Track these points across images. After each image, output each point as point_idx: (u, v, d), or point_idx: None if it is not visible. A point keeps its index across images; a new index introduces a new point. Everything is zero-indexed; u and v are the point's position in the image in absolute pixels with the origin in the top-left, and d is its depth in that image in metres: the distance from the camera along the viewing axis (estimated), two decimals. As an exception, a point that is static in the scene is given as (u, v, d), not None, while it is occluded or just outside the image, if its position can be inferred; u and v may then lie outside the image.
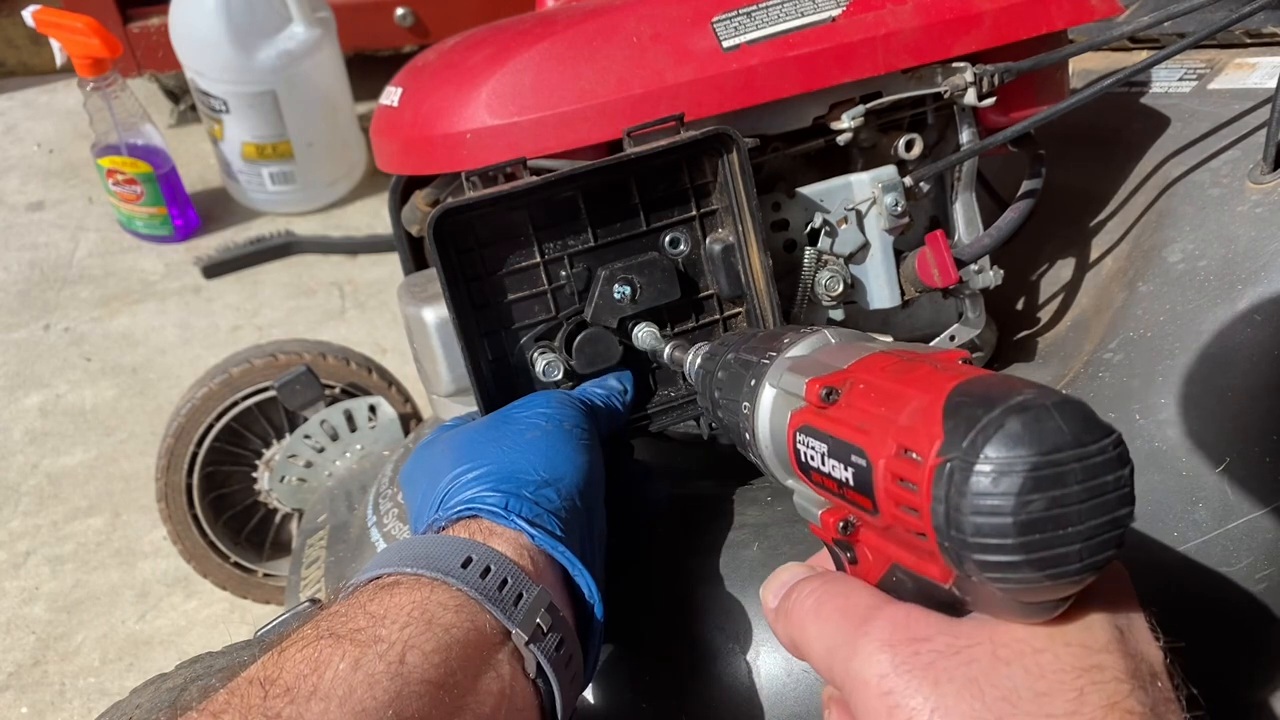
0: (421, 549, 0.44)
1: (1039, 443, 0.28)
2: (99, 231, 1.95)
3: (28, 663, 1.20)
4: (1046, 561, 0.28)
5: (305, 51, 1.81)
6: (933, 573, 0.33)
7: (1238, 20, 0.63)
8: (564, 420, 0.53)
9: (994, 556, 0.28)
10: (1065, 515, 0.28)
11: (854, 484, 0.34)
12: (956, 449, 0.29)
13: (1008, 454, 0.28)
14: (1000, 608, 0.32)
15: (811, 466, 0.38)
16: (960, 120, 0.67)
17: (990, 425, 0.28)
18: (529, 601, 0.42)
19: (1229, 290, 0.56)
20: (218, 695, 0.36)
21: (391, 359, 1.52)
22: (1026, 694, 0.30)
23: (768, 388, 0.43)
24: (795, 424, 0.39)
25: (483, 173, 0.56)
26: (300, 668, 0.37)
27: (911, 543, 0.32)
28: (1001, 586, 0.29)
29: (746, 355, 0.46)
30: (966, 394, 0.30)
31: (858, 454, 0.33)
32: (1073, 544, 0.28)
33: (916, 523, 0.31)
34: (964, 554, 0.29)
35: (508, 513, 0.46)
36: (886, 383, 0.34)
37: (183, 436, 1.07)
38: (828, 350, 0.42)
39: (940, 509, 0.29)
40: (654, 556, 0.59)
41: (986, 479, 0.28)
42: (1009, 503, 0.28)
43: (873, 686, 0.32)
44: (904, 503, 0.31)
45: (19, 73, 2.47)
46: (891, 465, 0.32)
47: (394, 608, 0.40)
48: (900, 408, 0.32)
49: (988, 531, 0.28)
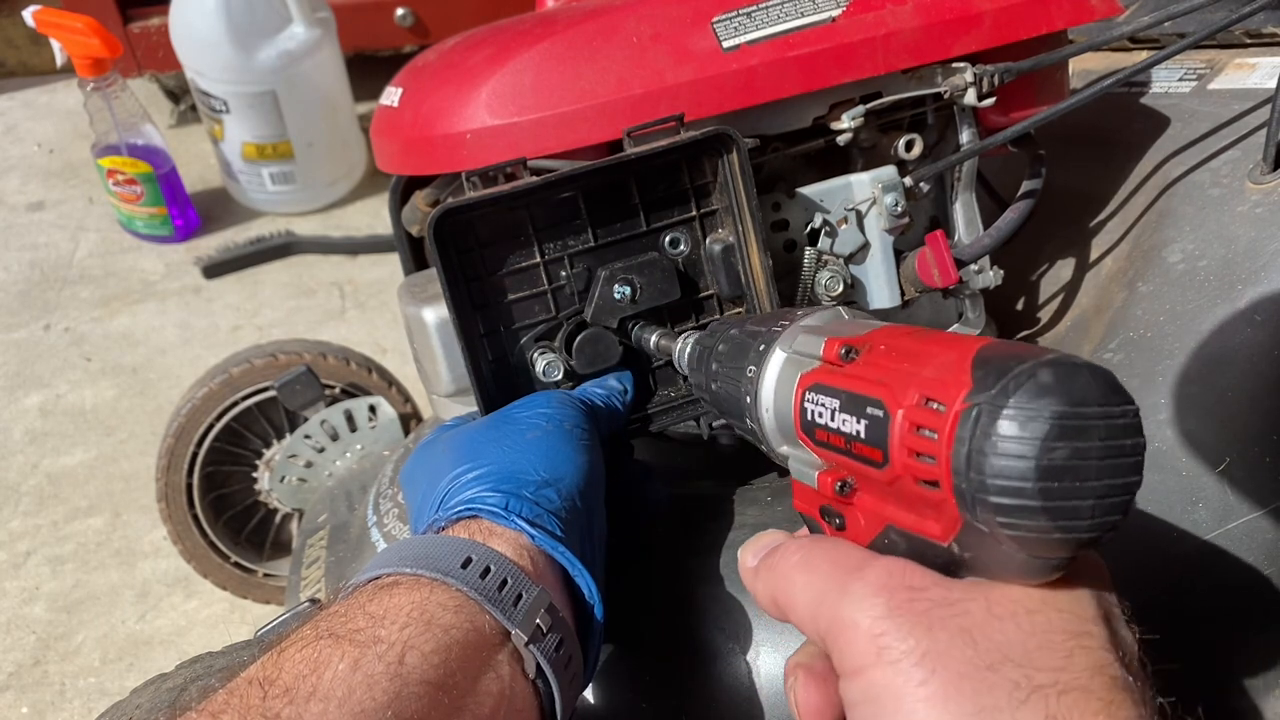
0: (421, 549, 0.44)
1: (1069, 395, 0.28)
2: (99, 231, 1.95)
3: (28, 663, 1.20)
4: (1061, 512, 0.28)
5: (305, 51, 1.82)
6: (932, 531, 0.33)
7: (1238, 20, 0.63)
8: (564, 420, 0.53)
9: (1012, 500, 0.28)
10: (1084, 468, 0.28)
11: (865, 436, 0.34)
12: (985, 394, 0.29)
13: (1037, 401, 0.28)
14: (999, 566, 0.32)
15: (818, 424, 0.38)
16: (960, 120, 0.67)
17: (1022, 374, 0.29)
18: (529, 602, 0.42)
19: (1229, 290, 0.56)
20: (217, 695, 0.36)
21: (391, 359, 1.52)
22: (1018, 647, 0.31)
23: (778, 352, 0.43)
24: (805, 384, 0.39)
25: (483, 173, 0.56)
26: (299, 668, 0.37)
27: (915, 496, 0.33)
28: (1012, 533, 0.29)
29: (755, 327, 0.46)
30: (995, 351, 0.31)
31: (874, 405, 0.34)
32: (1087, 499, 0.28)
33: (931, 470, 0.31)
34: (980, 497, 0.29)
35: (508, 513, 0.46)
36: (911, 343, 0.35)
37: (183, 436, 1.07)
38: (841, 323, 0.43)
39: (962, 450, 0.29)
40: (654, 556, 0.59)
41: (1014, 423, 0.28)
42: (1033, 448, 0.28)
43: (863, 628, 0.33)
44: (921, 450, 0.31)
45: (19, 73, 2.47)
46: (911, 414, 0.32)
47: (393, 608, 0.40)
48: (925, 363, 0.33)
49: (1009, 474, 0.28)
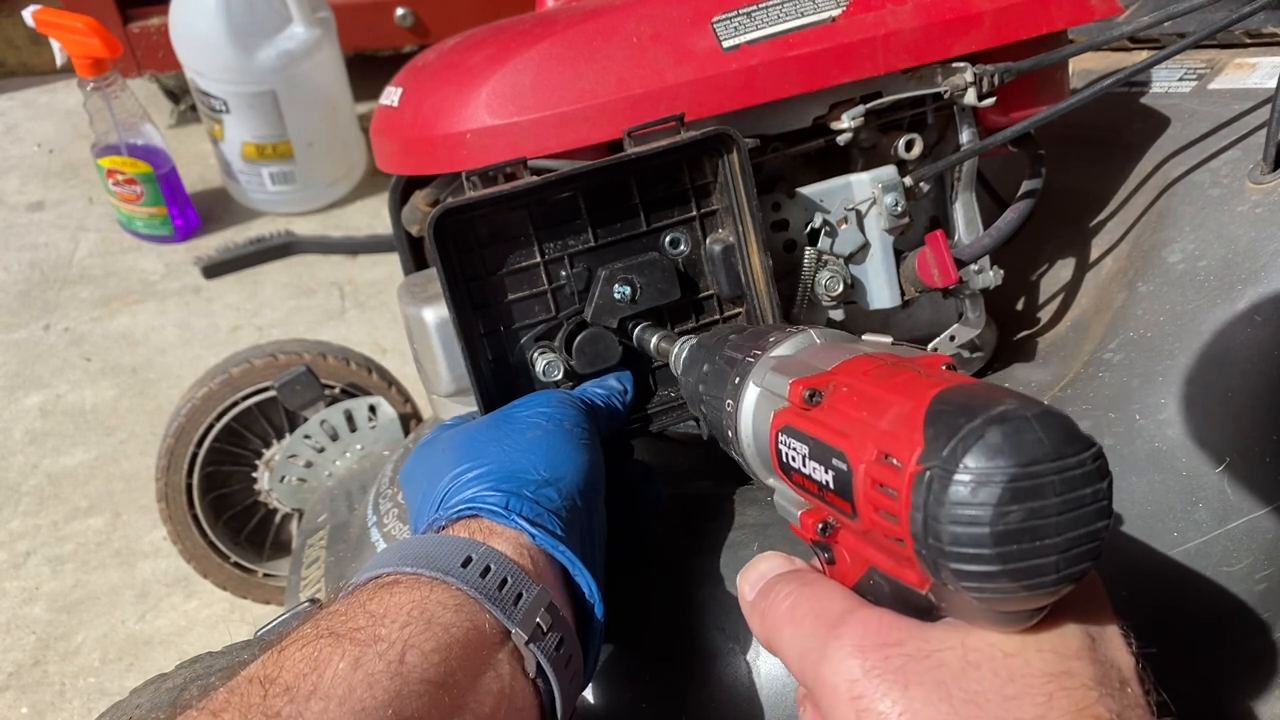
0: (421, 548, 0.44)
1: (1018, 454, 0.28)
2: (99, 231, 1.95)
3: (28, 663, 1.20)
4: (1023, 572, 0.28)
5: (305, 51, 1.81)
6: (910, 578, 0.33)
7: (1238, 20, 0.63)
8: (564, 420, 0.53)
9: (970, 566, 0.28)
10: (1043, 527, 0.28)
11: (834, 487, 0.34)
12: (937, 457, 0.29)
13: (987, 464, 0.28)
14: (975, 615, 0.32)
15: (793, 467, 0.38)
16: (960, 120, 0.67)
17: (971, 435, 0.28)
18: (529, 601, 0.42)
19: (1229, 290, 0.56)
20: (217, 694, 0.36)
21: (391, 359, 1.52)
22: (994, 697, 0.30)
23: (751, 386, 0.43)
24: (778, 424, 0.39)
25: (483, 173, 0.56)
26: (300, 666, 0.37)
27: (889, 547, 0.33)
28: (977, 596, 0.29)
29: (732, 353, 0.46)
30: (948, 402, 0.30)
31: (838, 457, 0.34)
32: (1049, 555, 0.28)
33: (895, 529, 0.31)
34: (941, 562, 0.29)
35: (508, 512, 0.46)
36: (869, 387, 0.35)
37: (183, 436, 1.07)
38: (812, 350, 0.42)
39: (919, 516, 0.29)
40: (654, 556, 0.59)
41: (965, 488, 0.28)
42: (987, 513, 0.28)
43: (842, 691, 0.33)
44: (883, 508, 0.31)
45: (19, 73, 2.47)
46: (872, 470, 0.32)
47: (393, 607, 0.40)
48: (882, 413, 0.32)
49: (965, 541, 0.28)
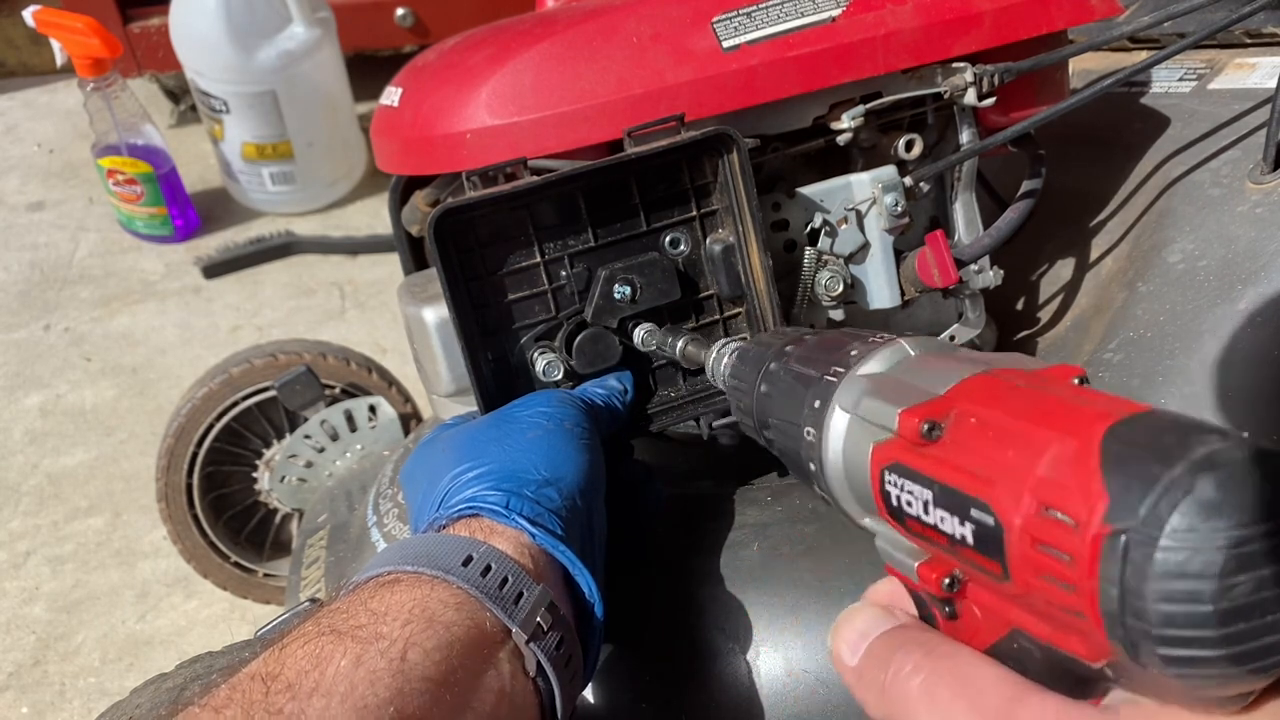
0: (422, 547, 0.44)
1: (1240, 510, 0.22)
2: (99, 232, 1.95)
3: (28, 663, 1.20)
4: (1251, 654, 0.23)
5: (305, 51, 1.81)
6: (1076, 649, 0.27)
7: (1238, 20, 0.63)
8: (565, 419, 0.53)
9: (1187, 651, 0.23)
10: (1273, 599, 0.23)
11: (974, 543, 0.28)
12: (1130, 517, 0.23)
13: (1202, 525, 0.22)
14: (1170, 695, 0.26)
15: (908, 514, 0.32)
16: (960, 120, 0.67)
17: (1175, 488, 0.23)
18: (529, 600, 0.43)
19: (1229, 290, 0.56)
20: (219, 690, 0.36)
21: (391, 359, 1.52)
22: None
23: (838, 412, 0.36)
24: (881, 459, 0.33)
25: (483, 173, 0.56)
26: (302, 664, 0.37)
27: (1054, 615, 0.27)
28: (1188, 682, 0.24)
29: (802, 368, 0.40)
30: (1129, 441, 0.25)
31: (979, 508, 0.28)
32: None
33: (1070, 599, 0.25)
34: (1144, 645, 0.24)
35: (509, 511, 0.46)
36: (1006, 417, 0.29)
37: (183, 436, 1.07)
38: (908, 366, 0.36)
39: (1113, 591, 0.24)
40: (654, 556, 0.59)
41: (1177, 556, 0.22)
42: (1209, 587, 0.22)
43: None
44: (1051, 574, 0.26)
45: (19, 73, 2.47)
46: (1031, 527, 0.26)
47: (395, 605, 0.40)
48: (1034, 452, 0.27)
49: (1181, 622, 0.23)
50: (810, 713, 0.51)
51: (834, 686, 0.51)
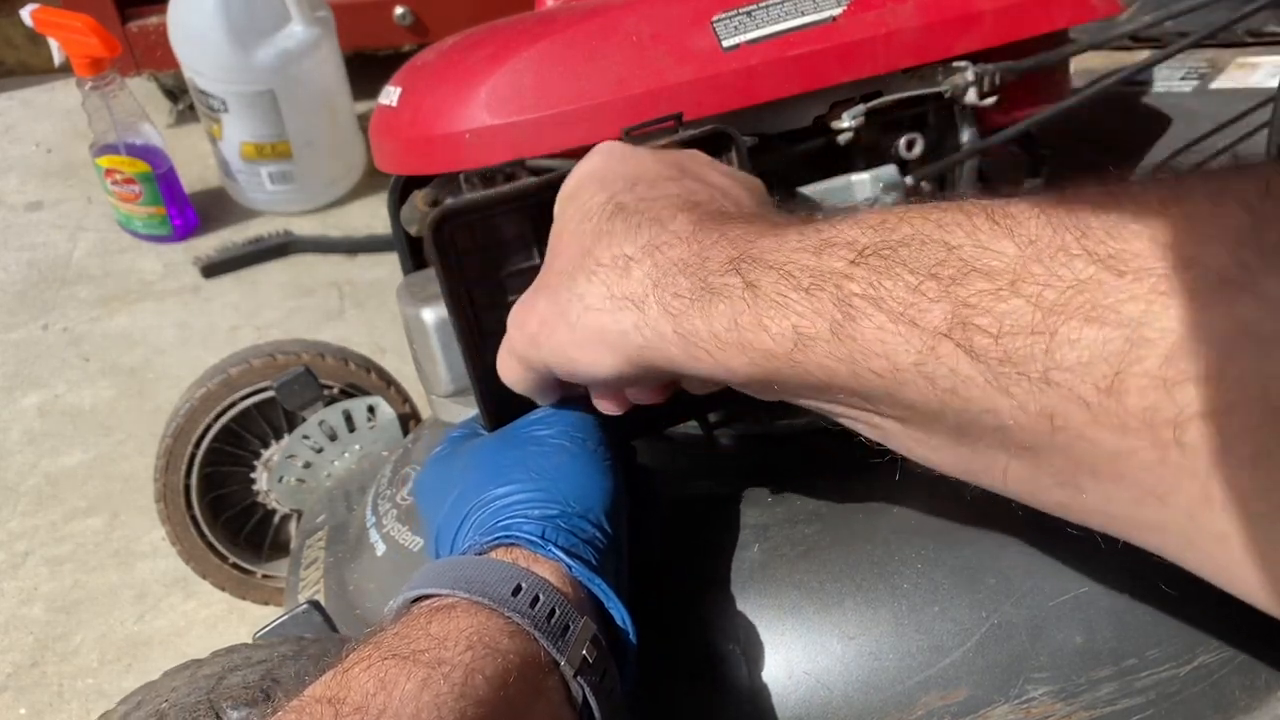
0: (473, 572, 0.43)
1: None
2: (97, 231, 1.95)
3: (26, 663, 1.20)
4: None
5: (304, 51, 1.81)
6: None
7: (1239, 20, 0.63)
8: (588, 440, 0.52)
9: None
10: None
11: None
12: None
13: None
14: None
15: None
16: (961, 120, 0.67)
17: None
18: (575, 633, 0.43)
19: (1231, 290, 0.56)
20: (286, 713, 0.36)
21: (391, 359, 1.52)
22: None
23: None
24: None
25: (482, 173, 0.55)
26: (368, 686, 0.37)
27: None
28: None
29: None
30: None
31: None
32: None
33: None
34: None
35: (544, 542, 0.45)
36: None
37: (181, 437, 1.06)
38: None
39: None
40: (654, 557, 0.59)
41: None
42: None
43: None
44: None
45: (17, 72, 2.47)
46: None
47: (454, 631, 0.40)
48: None
49: None
50: (810, 716, 0.51)
51: (835, 688, 0.51)
